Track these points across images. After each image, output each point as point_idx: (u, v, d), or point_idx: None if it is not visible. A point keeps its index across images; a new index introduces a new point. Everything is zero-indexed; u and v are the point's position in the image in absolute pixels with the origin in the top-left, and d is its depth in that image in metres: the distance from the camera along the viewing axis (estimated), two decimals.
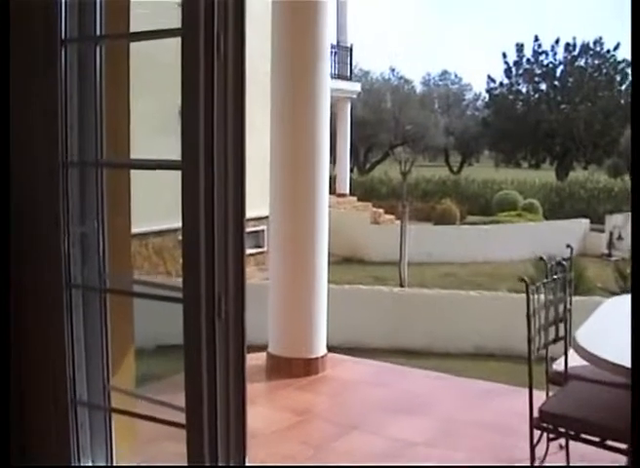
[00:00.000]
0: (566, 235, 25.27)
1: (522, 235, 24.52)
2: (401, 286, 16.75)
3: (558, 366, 4.23)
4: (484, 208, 31.18)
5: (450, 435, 4.90)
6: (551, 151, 45.36)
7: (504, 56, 46.09)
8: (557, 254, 16.08)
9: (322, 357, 6.28)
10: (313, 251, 6.28)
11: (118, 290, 3.09)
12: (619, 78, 44.86)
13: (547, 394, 4.16)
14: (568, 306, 4.30)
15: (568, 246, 4.74)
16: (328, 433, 4.94)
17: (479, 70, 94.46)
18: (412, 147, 39.97)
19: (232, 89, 2.55)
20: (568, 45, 44.89)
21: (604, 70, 44.79)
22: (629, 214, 19.59)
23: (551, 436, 3.74)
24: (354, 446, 4.69)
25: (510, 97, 46.14)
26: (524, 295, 12.33)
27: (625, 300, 4.41)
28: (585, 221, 27.10)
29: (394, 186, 34.18)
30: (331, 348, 6.39)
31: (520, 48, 45.67)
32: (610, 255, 25.04)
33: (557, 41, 45.15)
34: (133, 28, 3.01)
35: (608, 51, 44.82)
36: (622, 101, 43.89)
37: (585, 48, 44.75)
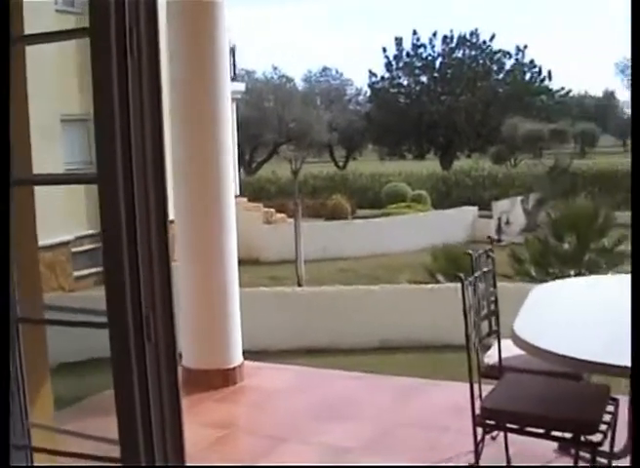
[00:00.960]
0: (456, 223, 25.79)
1: (413, 226, 24.81)
2: (299, 284, 16.69)
3: (489, 359, 4.11)
4: (373, 201, 31.36)
5: (385, 437, 4.74)
6: (435, 142, 46.15)
7: (384, 50, 46.67)
8: (449, 242, 16.38)
9: (239, 366, 6.03)
10: (222, 254, 6.04)
11: (36, 319, 2.83)
12: (495, 68, 46.11)
13: (480, 388, 4.03)
14: (492, 298, 4.18)
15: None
16: (257, 447, 4.70)
17: (360, 65, 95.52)
18: (296, 145, 39.96)
19: (148, 90, 2.33)
20: (445, 37, 45.80)
21: (481, 61, 45.93)
22: (516, 198, 20.14)
23: (487, 429, 3.61)
24: (288, 459, 4.45)
25: (392, 90, 46.73)
26: (424, 286, 12.40)
27: (552, 287, 4.37)
28: (474, 209, 27.63)
29: (283, 185, 34.14)
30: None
31: (399, 42, 46.30)
32: (499, 241, 25.55)
33: (435, 34, 46.07)
34: None
35: (484, 42, 45.99)
36: (500, 90, 45.11)
37: (462, 40, 45.78)
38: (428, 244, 22.90)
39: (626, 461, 3.30)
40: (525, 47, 46.00)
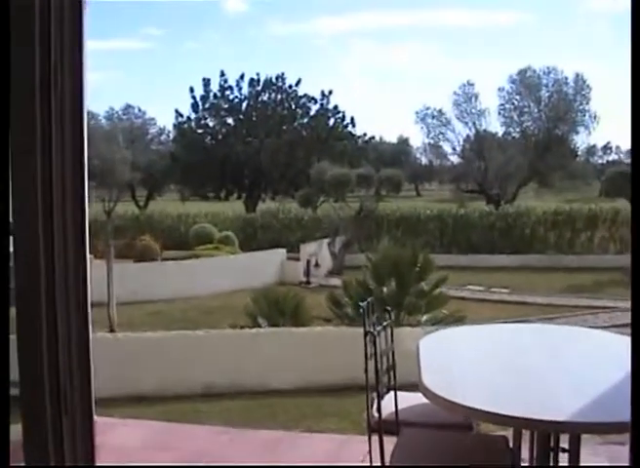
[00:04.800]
0: (265, 265, 25.82)
1: (223, 268, 24.68)
2: (111, 329, 16.07)
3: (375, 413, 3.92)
4: (180, 242, 30.90)
5: None
6: (240, 183, 46.31)
7: (192, 90, 46.61)
8: (259, 285, 16.29)
9: None
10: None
11: None
12: (300, 112, 47.01)
13: (369, 443, 3.86)
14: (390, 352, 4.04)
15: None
16: None
17: (165, 105, 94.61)
18: (100, 183, 38.92)
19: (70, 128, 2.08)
20: (252, 80, 46.33)
21: (286, 104, 46.73)
22: (322, 241, 20.45)
23: None
24: None
25: (198, 131, 46.65)
26: (247, 331, 12.14)
27: (441, 337, 4.27)
28: (282, 251, 27.78)
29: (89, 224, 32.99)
30: None
31: (207, 83, 46.41)
32: (308, 283, 25.79)
33: (242, 76, 46.54)
34: None
35: (290, 86, 46.83)
36: (305, 134, 45.98)
37: (269, 83, 46.43)
38: (239, 286, 22.84)
39: None
40: (330, 92, 47.31)
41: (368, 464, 3.77)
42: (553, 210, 33.36)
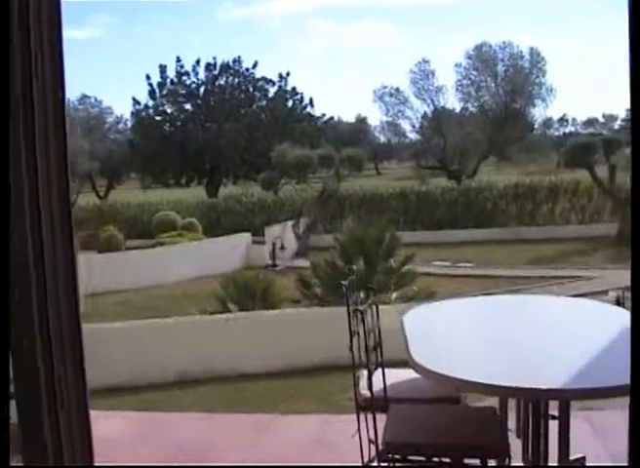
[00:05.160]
0: (230, 250, 25.74)
1: (188, 255, 24.57)
2: None
3: (366, 391, 3.91)
4: (143, 231, 30.71)
5: None
6: (200, 169, 46.04)
7: (148, 77, 46.18)
8: (225, 270, 16.26)
9: None
10: None
11: None
12: (258, 95, 46.77)
13: (358, 421, 3.85)
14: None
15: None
16: None
17: (122, 93, 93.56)
18: None
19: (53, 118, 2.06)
20: (209, 65, 46.02)
21: (244, 88, 46.44)
22: (286, 223, 20.46)
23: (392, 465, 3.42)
24: None
25: (157, 118, 46.26)
26: (219, 316, 12.15)
27: (421, 311, 4.27)
28: (247, 235, 27.74)
29: None
30: None
31: (163, 69, 46.00)
32: (275, 265, 25.78)
33: (198, 61, 46.16)
34: None
35: (247, 69, 46.56)
36: (264, 116, 45.78)
37: (225, 67, 46.09)
38: (204, 272, 22.78)
39: None
40: (287, 74, 47.09)
41: (360, 440, 3.76)
42: (514, 183, 33.61)
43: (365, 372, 3.96)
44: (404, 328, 3.75)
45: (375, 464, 3.81)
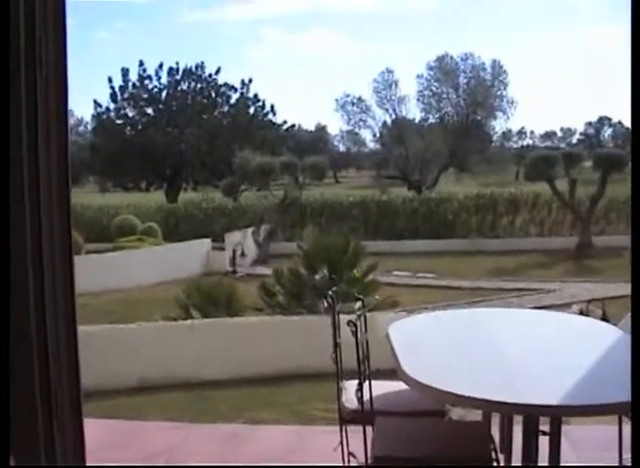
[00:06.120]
0: (190, 256, 25.60)
1: (147, 260, 24.38)
2: None
3: (350, 404, 3.86)
4: (102, 234, 30.36)
5: None
6: (161, 174, 45.77)
7: (110, 80, 45.77)
8: (185, 276, 16.11)
9: None
10: None
11: None
12: (220, 101, 46.63)
13: (341, 434, 3.80)
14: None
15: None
16: None
17: (83, 96, 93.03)
18: None
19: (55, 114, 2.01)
20: (171, 69, 45.79)
21: (206, 93, 46.32)
22: (246, 230, 20.34)
23: None
24: None
25: (118, 121, 45.87)
26: (182, 323, 11.96)
27: (407, 323, 4.24)
28: (207, 241, 27.60)
29: None
30: None
31: (126, 72, 45.60)
32: (235, 272, 25.67)
33: (161, 65, 45.93)
34: None
35: (210, 75, 46.45)
36: (226, 123, 45.64)
37: (188, 72, 45.92)
38: (164, 278, 22.62)
39: None
40: (250, 81, 47.01)
41: (342, 454, 3.71)
42: (475, 194, 33.84)
43: (347, 384, 3.93)
44: (390, 339, 3.70)
45: None
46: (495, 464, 3.28)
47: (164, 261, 24.24)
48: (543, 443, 3.12)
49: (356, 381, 3.99)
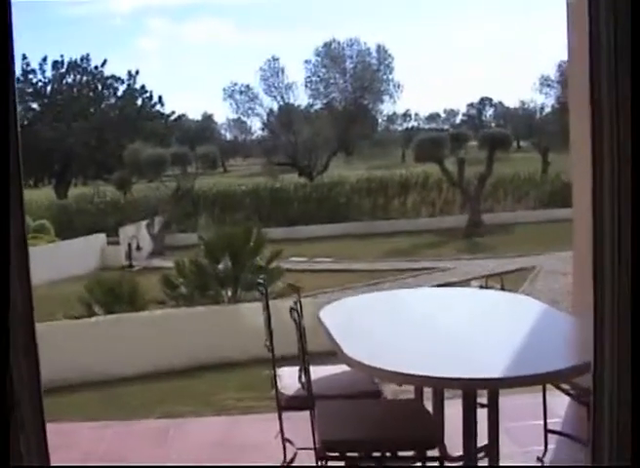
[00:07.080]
0: (85, 252, 25.19)
1: (42, 257, 23.74)
2: None
3: (287, 390, 3.96)
4: None
5: None
6: (49, 170, 44.69)
7: None
8: (80, 273, 15.88)
9: None
10: None
11: None
12: (107, 93, 45.83)
13: (280, 421, 3.91)
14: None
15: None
16: None
17: None
18: None
19: None
20: (56, 62, 44.72)
21: (93, 86, 45.44)
22: (140, 223, 20.16)
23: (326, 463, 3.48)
24: None
25: None
26: (87, 320, 11.84)
27: (336, 307, 4.36)
28: (102, 236, 27.19)
29: None
30: None
31: None
32: (131, 266, 25.39)
33: (45, 59, 44.76)
34: None
35: (96, 67, 45.58)
36: (113, 115, 44.88)
37: (73, 65, 44.93)
38: (60, 276, 22.17)
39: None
40: (137, 72, 46.39)
41: (282, 442, 3.82)
42: (366, 177, 34.28)
43: (280, 371, 4.03)
44: (325, 324, 3.79)
45: (295, 464, 3.91)
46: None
47: (58, 259, 23.72)
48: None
49: (288, 368, 4.12)
